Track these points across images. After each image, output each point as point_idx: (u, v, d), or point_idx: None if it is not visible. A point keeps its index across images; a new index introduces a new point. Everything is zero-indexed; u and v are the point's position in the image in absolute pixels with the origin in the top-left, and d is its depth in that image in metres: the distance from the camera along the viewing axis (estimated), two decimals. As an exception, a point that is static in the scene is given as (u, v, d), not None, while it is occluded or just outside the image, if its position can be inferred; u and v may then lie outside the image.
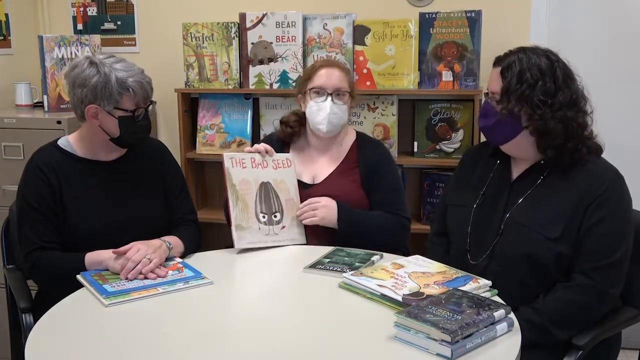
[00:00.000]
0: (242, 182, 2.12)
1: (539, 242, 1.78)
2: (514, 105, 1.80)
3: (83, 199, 2.00)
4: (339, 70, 2.30)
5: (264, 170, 2.19)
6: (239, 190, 2.11)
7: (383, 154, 2.36)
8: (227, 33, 3.01)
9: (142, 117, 1.99)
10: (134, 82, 1.93)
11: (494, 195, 1.93)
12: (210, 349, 1.44)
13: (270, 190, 2.18)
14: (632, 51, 2.96)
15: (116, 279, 1.80)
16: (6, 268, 2.22)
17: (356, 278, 1.71)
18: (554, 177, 1.84)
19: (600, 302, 1.75)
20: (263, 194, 2.16)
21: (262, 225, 2.12)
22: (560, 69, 1.83)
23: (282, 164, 2.23)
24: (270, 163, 2.21)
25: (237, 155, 2.17)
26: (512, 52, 1.87)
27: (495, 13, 2.92)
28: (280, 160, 2.24)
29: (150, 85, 1.99)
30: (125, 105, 1.95)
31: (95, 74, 1.92)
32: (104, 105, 1.93)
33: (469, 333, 1.37)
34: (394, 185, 2.32)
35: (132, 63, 1.99)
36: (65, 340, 1.50)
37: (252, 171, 2.16)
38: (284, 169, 2.23)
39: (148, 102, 2.01)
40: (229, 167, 2.12)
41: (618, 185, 1.79)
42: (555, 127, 1.78)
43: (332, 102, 2.26)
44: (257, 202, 2.14)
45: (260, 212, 2.13)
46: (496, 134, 1.89)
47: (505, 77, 1.83)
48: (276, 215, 2.16)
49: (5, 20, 3.24)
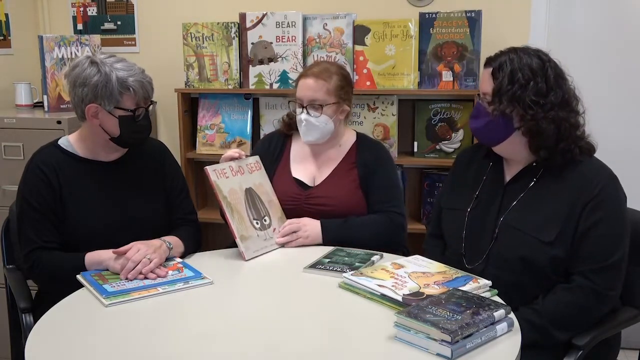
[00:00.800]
0: (230, 192, 2.09)
1: (534, 246, 1.77)
2: (506, 106, 1.80)
3: (83, 199, 2.00)
4: (314, 79, 2.23)
5: (242, 176, 2.16)
6: (230, 201, 2.08)
7: (381, 154, 2.35)
8: (227, 33, 3.01)
9: (143, 117, 1.99)
10: (135, 82, 1.93)
11: (487, 198, 1.93)
12: (210, 349, 1.44)
13: (255, 195, 2.17)
14: (632, 51, 2.96)
15: (116, 279, 1.80)
16: (6, 268, 2.22)
17: (356, 278, 1.71)
18: (547, 179, 1.84)
19: (599, 304, 1.75)
20: (250, 200, 2.14)
21: (258, 232, 2.10)
22: (552, 68, 1.82)
23: (254, 167, 2.22)
24: (245, 168, 2.19)
25: (218, 166, 2.11)
26: (503, 52, 1.86)
27: (495, 13, 2.92)
28: (252, 163, 2.22)
29: (151, 85, 1.99)
30: (125, 105, 1.94)
31: (95, 73, 1.92)
32: (105, 104, 1.93)
33: (469, 333, 1.37)
34: (389, 182, 2.30)
35: (133, 63, 1.99)
36: (65, 340, 1.50)
37: (234, 179, 2.13)
38: (257, 171, 2.23)
39: (149, 101, 2.01)
40: (216, 180, 2.07)
41: (612, 186, 1.79)
42: (548, 128, 1.77)
43: (307, 114, 2.23)
44: (247, 209, 2.12)
45: (253, 219, 2.11)
46: (488, 136, 1.89)
47: (496, 78, 1.82)
48: (265, 219, 2.15)
49: (5, 20, 3.24)
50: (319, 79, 2.24)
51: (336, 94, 2.25)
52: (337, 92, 2.25)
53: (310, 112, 2.23)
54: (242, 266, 2.00)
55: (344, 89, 2.28)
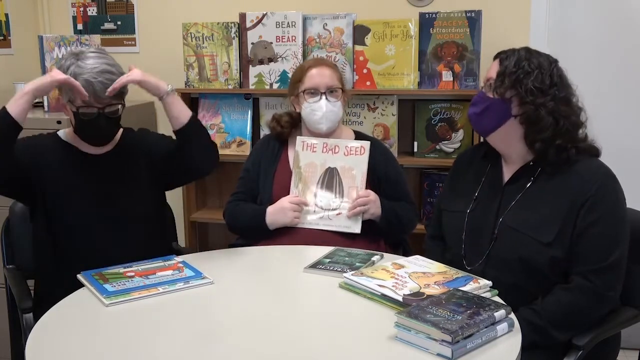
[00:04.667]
0: (308, 165, 2.21)
1: (533, 247, 1.77)
2: (507, 88, 1.81)
3: (66, 188, 2.02)
4: (328, 68, 2.33)
5: (334, 155, 2.25)
6: (303, 172, 2.21)
7: (384, 151, 2.41)
8: (227, 33, 3.01)
9: (96, 117, 1.97)
10: (84, 80, 1.92)
11: (486, 199, 1.93)
12: (210, 349, 1.44)
13: (335, 175, 2.23)
14: (632, 51, 2.96)
15: (117, 279, 1.80)
16: (6, 268, 2.22)
17: (356, 278, 1.71)
18: (544, 179, 1.84)
19: (599, 304, 1.75)
20: (327, 178, 2.22)
21: (317, 209, 2.20)
22: (557, 70, 1.85)
23: (354, 151, 2.26)
24: (342, 149, 2.25)
25: (310, 139, 2.24)
26: (515, 48, 1.89)
27: (495, 13, 2.93)
28: (354, 147, 2.27)
29: (104, 86, 1.93)
30: (76, 102, 1.96)
31: (66, 66, 1.95)
32: (64, 97, 1.98)
33: (470, 333, 1.37)
34: (402, 180, 2.40)
35: (107, 62, 1.97)
36: (65, 340, 1.50)
37: (321, 155, 2.24)
38: (356, 156, 2.26)
39: (103, 102, 1.96)
40: (299, 150, 2.22)
41: (610, 186, 1.78)
42: (546, 118, 1.78)
43: (327, 100, 2.28)
44: (318, 185, 2.22)
45: (320, 196, 2.20)
46: (484, 121, 1.89)
47: (502, 63, 1.85)
48: (335, 201, 2.21)
49: (5, 20, 3.24)
50: (331, 67, 2.35)
51: (342, 82, 2.36)
52: (342, 81, 2.37)
53: (330, 98, 2.28)
54: (242, 266, 2.00)
55: (344, 79, 2.41)
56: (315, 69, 2.33)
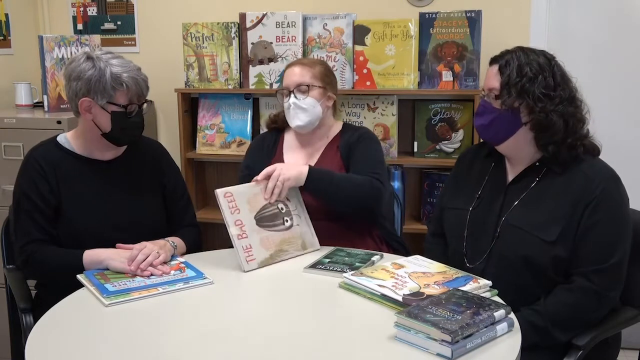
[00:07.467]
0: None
1: (536, 245, 1.77)
2: (515, 99, 1.79)
3: (79, 197, 2.01)
4: (299, 67, 2.34)
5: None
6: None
7: (362, 134, 2.37)
8: (227, 33, 3.01)
9: (135, 114, 1.99)
10: (129, 78, 1.93)
11: (489, 198, 1.93)
12: (210, 349, 1.44)
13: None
14: (632, 51, 2.96)
15: (118, 279, 1.80)
16: (6, 268, 2.21)
17: (356, 278, 1.71)
18: (549, 178, 1.84)
19: (600, 304, 1.75)
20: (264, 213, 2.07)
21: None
22: (557, 67, 1.84)
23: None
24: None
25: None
26: (509, 50, 1.87)
27: (495, 13, 2.93)
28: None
29: (145, 83, 2.00)
30: (118, 101, 1.95)
31: (90, 67, 1.93)
32: (98, 99, 1.94)
33: (469, 333, 1.37)
34: (369, 155, 2.30)
35: (129, 60, 2.00)
36: (65, 340, 1.50)
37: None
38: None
39: (142, 99, 2.01)
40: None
41: (614, 186, 1.79)
42: (557, 121, 1.77)
43: (295, 97, 2.29)
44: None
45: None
46: (493, 132, 1.88)
47: (504, 73, 1.82)
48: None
49: (5, 20, 3.25)
50: (304, 65, 2.34)
51: (321, 79, 2.33)
52: (322, 77, 2.33)
53: (297, 95, 2.29)
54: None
55: (329, 76, 2.37)
56: (288, 69, 2.37)
